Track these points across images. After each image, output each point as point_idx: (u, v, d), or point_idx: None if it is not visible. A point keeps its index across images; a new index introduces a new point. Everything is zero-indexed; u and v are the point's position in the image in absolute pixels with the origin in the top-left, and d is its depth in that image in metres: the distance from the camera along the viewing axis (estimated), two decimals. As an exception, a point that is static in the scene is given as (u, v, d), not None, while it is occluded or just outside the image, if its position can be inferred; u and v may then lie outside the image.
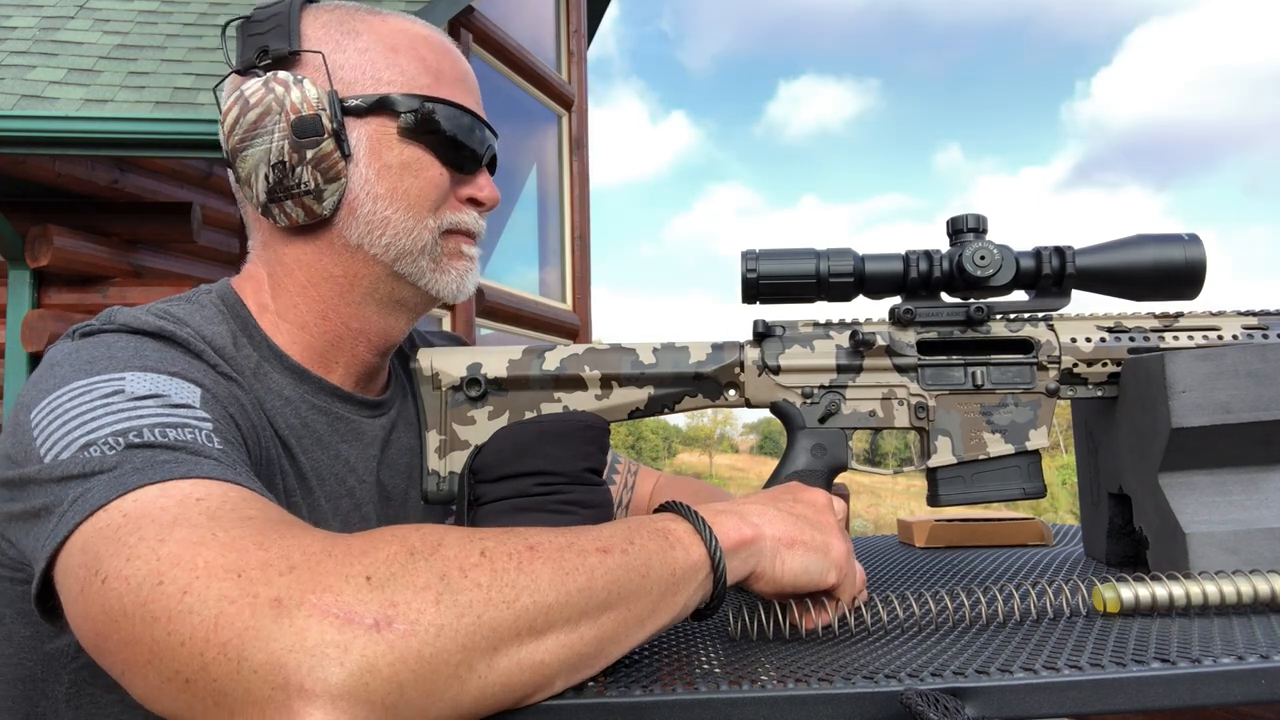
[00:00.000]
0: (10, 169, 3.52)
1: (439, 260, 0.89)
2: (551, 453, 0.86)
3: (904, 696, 0.54)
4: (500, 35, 5.77)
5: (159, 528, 0.54)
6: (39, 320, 3.65)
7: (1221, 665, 0.58)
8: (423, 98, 0.85)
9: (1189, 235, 0.92)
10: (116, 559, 0.53)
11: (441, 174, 0.87)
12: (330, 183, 0.83)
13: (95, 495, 0.58)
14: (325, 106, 0.82)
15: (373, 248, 0.86)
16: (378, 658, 0.47)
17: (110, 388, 0.66)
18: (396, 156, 0.85)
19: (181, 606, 0.50)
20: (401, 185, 0.86)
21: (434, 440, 0.93)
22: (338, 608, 0.48)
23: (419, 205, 0.86)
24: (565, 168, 7.00)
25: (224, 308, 0.85)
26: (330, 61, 0.84)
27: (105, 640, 0.53)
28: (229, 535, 0.53)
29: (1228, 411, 0.84)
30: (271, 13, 0.86)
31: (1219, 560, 0.84)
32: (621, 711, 0.55)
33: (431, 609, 0.50)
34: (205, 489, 0.58)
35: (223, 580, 0.50)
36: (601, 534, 0.60)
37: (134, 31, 4.04)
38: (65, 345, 0.74)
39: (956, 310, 0.94)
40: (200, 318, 0.81)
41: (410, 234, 0.86)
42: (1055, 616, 0.74)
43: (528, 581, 0.53)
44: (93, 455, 0.61)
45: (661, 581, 0.60)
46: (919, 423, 0.93)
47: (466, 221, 0.90)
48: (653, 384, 0.94)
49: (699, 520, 0.65)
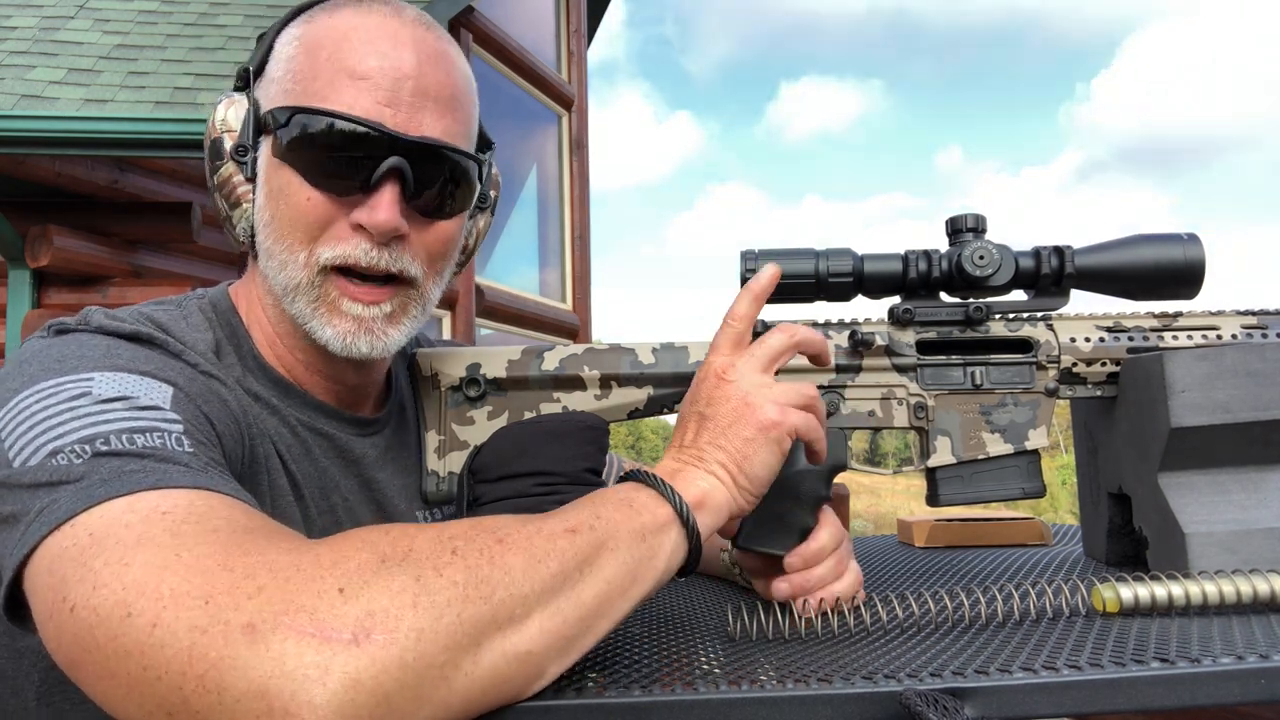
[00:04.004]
0: (10, 169, 3.52)
1: (318, 307, 0.77)
2: (551, 453, 0.86)
3: (903, 696, 0.54)
4: (500, 35, 5.78)
5: (123, 549, 0.52)
6: (39, 320, 3.65)
7: (1221, 665, 0.58)
8: (291, 109, 0.74)
9: (1188, 234, 0.92)
10: (83, 585, 0.52)
11: (310, 199, 0.74)
12: (234, 208, 0.78)
13: (61, 507, 0.56)
14: (231, 127, 0.77)
15: (272, 280, 0.78)
16: (360, 672, 0.46)
17: (77, 389, 0.64)
18: (274, 180, 0.76)
19: (153, 640, 0.48)
20: (276, 212, 0.76)
21: (433, 440, 0.93)
22: (313, 626, 0.47)
23: (290, 236, 0.76)
24: (565, 168, 7.00)
25: (213, 315, 0.82)
26: (268, 74, 0.78)
27: (80, 669, 0.52)
28: (193, 555, 0.51)
29: (1227, 411, 0.84)
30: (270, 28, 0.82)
31: (1218, 560, 0.84)
32: (621, 711, 0.55)
33: (409, 613, 0.49)
34: (172, 501, 0.56)
35: (190, 609, 0.48)
36: (568, 515, 0.61)
37: (134, 31, 4.04)
38: (36, 342, 0.71)
39: (956, 310, 0.93)
40: (185, 325, 0.78)
41: (284, 269, 0.76)
42: (1055, 616, 0.74)
43: (501, 575, 0.53)
44: (59, 464, 0.58)
45: (634, 550, 0.61)
46: (918, 422, 0.93)
47: (349, 253, 0.75)
48: (652, 384, 0.94)
49: (660, 482, 0.67)
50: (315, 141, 0.73)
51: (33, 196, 3.67)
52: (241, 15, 4.23)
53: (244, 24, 4.15)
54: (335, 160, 0.73)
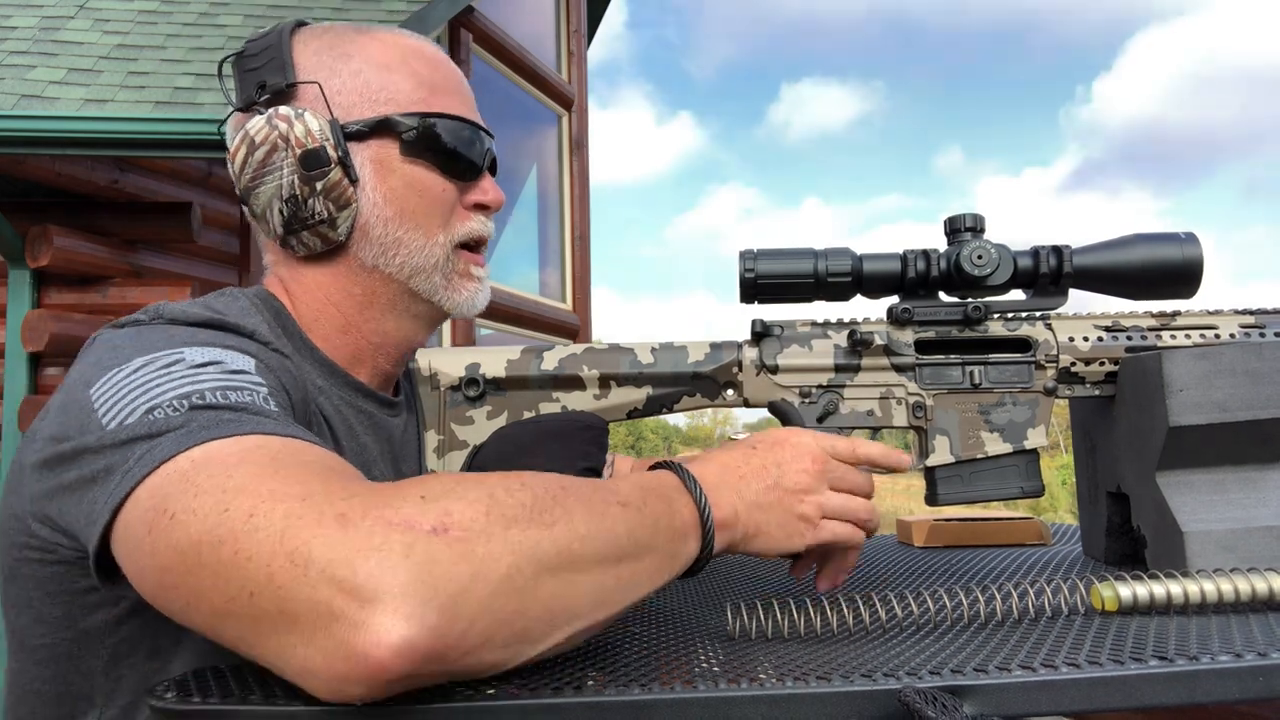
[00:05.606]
0: (10, 169, 3.52)
1: (450, 278, 0.90)
2: (551, 452, 0.86)
3: (902, 694, 0.54)
4: (500, 35, 5.77)
5: (225, 468, 0.57)
6: (39, 320, 3.64)
7: (1219, 663, 0.59)
8: (420, 114, 0.87)
9: (1186, 234, 0.92)
10: (185, 496, 0.56)
11: (446, 188, 0.88)
12: (342, 210, 0.85)
13: (163, 450, 0.60)
14: (328, 136, 0.83)
15: (388, 267, 0.88)
16: (438, 554, 0.51)
17: (170, 359, 0.69)
18: (401, 176, 0.87)
19: (248, 526, 0.52)
20: (409, 205, 0.87)
21: (433, 440, 0.93)
22: (398, 518, 0.52)
23: (428, 223, 0.88)
24: (565, 168, 6.99)
25: (259, 303, 0.88)
26: (327, 89, 0.85)
27: (169, 574, 0.56)
28: (291, 472, 0.56)
29: (1225, 410, 0.84)
30: (263, 46, 0.87)
31: (1217, 558, 0.84)
32: (620, 709, 0.55)
33: (482, 518, 0.54)
34: (266, 440, 0.61)
35: (288, 502, 0.53)
36: (619, 489, 0.65)
37: (134, 31, 4.04)
38: (116, 333, 0.76)
39: (954, 309, 0.94)
40: (238, 310, 0.84)
41: (422, 251, 0.88)
42: (1054, 615, 0.74)
43: (563, 512, 0.58)
44: (158, 417, 0.63)
45: (667, 543, 0.66)
46: (917, 422, 0.94)
47: (476, 229, 0.91)
48: (651, 384, 0.94)
49: (699, 492, 0.71)
50: (448, 140, 0.88)
51: (33, 196, 3.67)
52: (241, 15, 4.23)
53: (244, 24, 4.15)
54: (458, 155, 0.88)
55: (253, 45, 0.87)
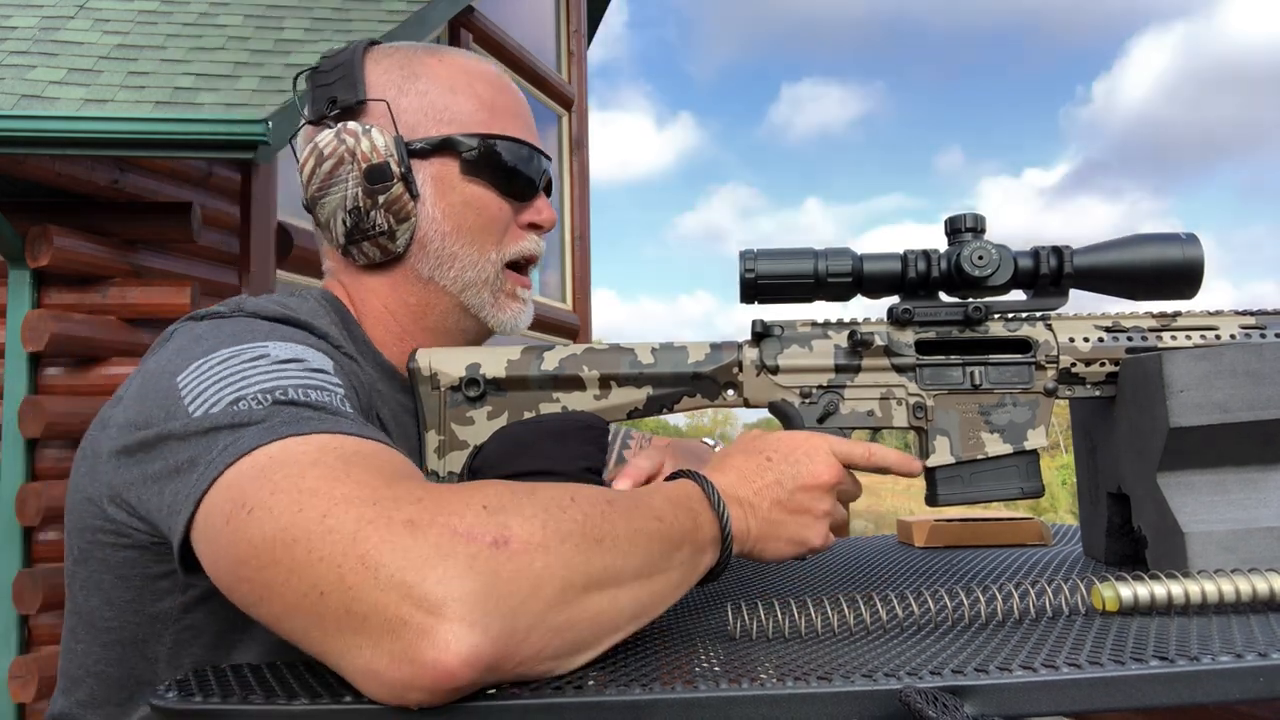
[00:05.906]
0: (10, 169, 3.51)
1: (498, 296, 0.95)
2: (551, 452, 0.86)
3: (903, 694, 0.54)
4: (500, 35, 5.77)
5: (300, 467, 0.59)
6: (39, 320, 3.64)
7: (1220, 663, 0.59)
8: (481, 136, 0.91)
9: (1186, 234, 0.92)
10: (262, 491, 0.58)
11: (502, 207, 0.93)
12: (401, 223, 0.89)
13: (246, 442, 0.62)
14: (393, 152, 0.87)
15: (443, 279, 0.93)
16: (500, 568, 0.53)
17: (256, 353, 0.71)
18: (460, 194, 0.91)
19: (322, 528, 0.54)
20: (466, 221, 0.92)
21: (433, 440, 0.93)
22: (463, 527, 0.54)
23: (483, 239, 0.93)
24: (565, 168, 6.99)
25: (325, 304, 0.91)
26: (395, 107, 0.90)
27: (243, 567, 0.58)
28: (361, 476, 0.58)
29: (1225, 411, 0.84)
30: (337, 63, 0.91)
31: (1217, 559, 0.84)
32: (621, 709, 0.55)
33: (539, 532, 0.56)
34: (341, 441, 0.63)
35: (359, 506, 0.55)
36: (654, 504, 0.67)
37: (134, 31, 4.04)
38: (198, 325, 0.78)
39: (955, 310, 0.94)
40: (308, 310, 0.86)
41: (475, 266, 0.93)
42: (1054, 615, 0.74)
43: (609, 529, 0.61)
44: (242, 409, 0.65)
45: (692, 556, 0.69)
46: (917, 422, 0.94)
47: (529, 248, 0.96)
48: (651, 384, 0.94)
49: (721, 506, 0.73)
50: (507, 160, 0.92)
51: (33, 196, 3.67)
52: (241, 15, 4.22)
53: (244, 24, 4.15)
54: (516, 175, 0.93)
55: (327, 61, 0.92)
